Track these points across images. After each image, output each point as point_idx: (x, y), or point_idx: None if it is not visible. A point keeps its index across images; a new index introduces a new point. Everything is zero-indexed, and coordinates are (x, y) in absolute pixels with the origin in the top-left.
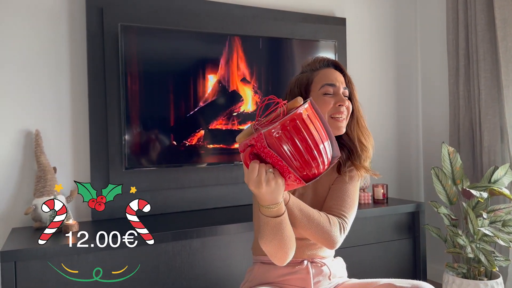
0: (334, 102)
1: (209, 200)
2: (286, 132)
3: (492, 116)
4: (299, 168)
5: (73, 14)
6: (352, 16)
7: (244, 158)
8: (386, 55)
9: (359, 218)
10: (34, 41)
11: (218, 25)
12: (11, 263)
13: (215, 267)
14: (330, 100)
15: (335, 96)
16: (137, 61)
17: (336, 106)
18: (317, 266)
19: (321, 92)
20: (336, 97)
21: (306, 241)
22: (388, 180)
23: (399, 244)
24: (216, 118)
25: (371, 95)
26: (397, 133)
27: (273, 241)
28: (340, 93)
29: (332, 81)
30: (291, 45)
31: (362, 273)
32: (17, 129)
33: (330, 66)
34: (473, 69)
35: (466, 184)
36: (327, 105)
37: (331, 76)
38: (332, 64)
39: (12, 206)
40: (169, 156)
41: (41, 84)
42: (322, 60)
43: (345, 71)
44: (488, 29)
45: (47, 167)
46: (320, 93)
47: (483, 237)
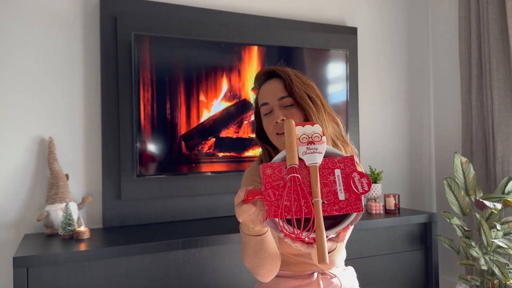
0: (272, 120)
1: (220, 208)
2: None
3: (506, 126)
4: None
5: (87, 23)
6: (364, 25)
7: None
8: (398, 64)
9: (371, 228)
10: (49, 49)
11: (229, 34)
12: (23, 269)
13: (225, 276)
14: (269, 119)
15: (272, 113)
16: (149, 69)
17: (274, 124)
18: (327, 278)
19: (262, 113)
20: (272, 115)
21: None
22: (400, 190)
23: (411, 255)
24: (227, 126)
25: (383, 104)
26: (409, 143)
27: (254, 258)
28: (275, 108)
29: (265, 100)
30: (302, 54)
31: (374, 284)
32: (30, 136)
33: (268, 78)
34: (486, 78)
35: (479, 195)
36: (268, 126)
37: (266, 92)
38: (269, 75)
39: (25, 212)
40: (180, 164)
41: (55, 91)
42: (260, 75)
43: (282, 75)
44: (501, 39)
45: (60, 174)
46: (262, 115)
47: (497, 249)
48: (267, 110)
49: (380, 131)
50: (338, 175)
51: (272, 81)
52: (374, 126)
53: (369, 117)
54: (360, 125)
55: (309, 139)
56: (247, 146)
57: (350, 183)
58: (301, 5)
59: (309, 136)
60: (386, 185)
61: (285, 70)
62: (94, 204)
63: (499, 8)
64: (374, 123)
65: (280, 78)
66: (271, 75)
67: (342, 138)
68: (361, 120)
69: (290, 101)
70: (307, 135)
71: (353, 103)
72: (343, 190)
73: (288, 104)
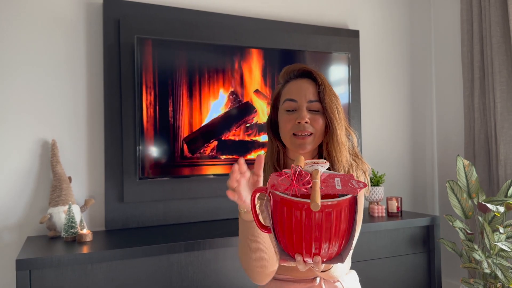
0: (294, 118)
1: (222, 210)
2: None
3: (508, 128)
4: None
5: (90, 26)
6: (366, 28)
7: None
8: (400, 67)
9: (373, 231)
10: (52, 52)
11: (232, 37)
12: (26, 271)
13: (227, 278)
14: (290, 117)
15: (296, 112)
16: (152, 72)
17: (295, 124)
18: (330, 283)
19: (283, 108)
20: (296, 113)
21: None
22: (402, 193)
23: (414, 258)
24: (229, 129)
25: (385, 107)
26: (412, 146)
27: (244, 247)
28: (302, 108)
29: (293, 96)
30: (304, 57)
31: (376, 287)
32: (34, 138)
33: (301, 76)
34: (488, 81)
35: (482, 198)
36: (287, 123)
37: (296, 89)
38: (303, 73)
39: (28, 214)
40: (182, 167)
41: (58, 94)
42: (292, 70)
43: (318, 80)
44: (503, 41)
45: (63, 177)
46: (283, 109)
47: (500, 252)
48: (292, 107)
49: (382, 134)
50: (337, 179)
51: (304, 81)
52: (376, 129)
53: (371, 120)
54: (362, 128)
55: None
56: (249, 148)
57: (348, 183)
58: (304, 8)
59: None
60: (389, 188)
61: (321, 75)
62: (97, 206)
63: (501, 11)
64: (376, 126)
65: (314, 81)
66: (304, 75)
67: (354, 153)
68: (363, 123)
69: (318, 106)
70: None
71: (355, 106)
72: (340, 185)
73: (315, 109)
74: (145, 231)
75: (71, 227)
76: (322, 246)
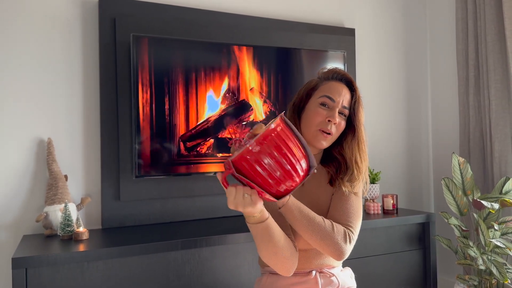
0: (325, 115)
1: (219, 208)
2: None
3: (503, 126)
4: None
5: (86, 25)
6: (361, 27)
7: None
8: (396, 66)
9: (369, 228)
10: (48, 50)
11: (228, 36)
12: (22, 270)
13: (224, 276)
14: (322, 112)
15: (329, 110)
16: (148, 70)
17: (325, 121)
18: (326, 277)
19: (318, 101)
20: (329, 112)
21: (313, 251)
22: (398, 190)
23: (409, 255)
24: (225, 127)
25: (381, 105)
26: (407, 143)
27: (268, 248)
28: (336, 109)
29: (333, 95)
30: (300, 55)
31: (372, 284)
32: (29, 137)
33: (342, 81)
34: (483, 79)
35: (476, 195)
36: (318, 116)
37: (336, 90)
38: (345, 80)
39: (24, 213)
40: (179, 165)
41: (54, 92)
42: (337, 72)
43: (356, 91)
44: (498, 39)
45: (59, 175)
46: (317, 102)
47: (495, 248)
48: (327, 103)
49: (378, 131)
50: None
51: (344, 86)
52: (372, 127)
53: (367, 118)
54: None
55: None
56: None
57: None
58: (300, 6)
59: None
60: (384, 186)
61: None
62: (93, 205)
63: (496, 9)
64: (372, 124)
65: (351, 91)
66: (344, 80)
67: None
68: None
69: (346, 113)
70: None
71: None
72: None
73: (343, 115)
74: (141, 229)
75: (68, 225)
76: (293, 165)
